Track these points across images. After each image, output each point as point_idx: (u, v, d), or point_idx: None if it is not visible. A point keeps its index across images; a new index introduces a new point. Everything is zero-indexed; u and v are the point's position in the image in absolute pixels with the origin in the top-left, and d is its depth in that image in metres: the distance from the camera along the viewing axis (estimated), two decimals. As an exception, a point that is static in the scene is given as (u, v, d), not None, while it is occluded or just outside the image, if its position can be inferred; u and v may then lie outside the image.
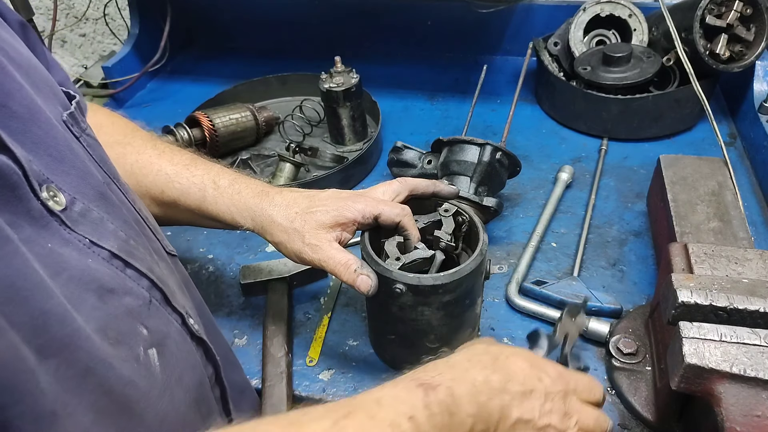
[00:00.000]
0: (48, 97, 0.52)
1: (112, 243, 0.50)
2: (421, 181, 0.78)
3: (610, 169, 1.17)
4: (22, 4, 1.29)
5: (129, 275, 0.51)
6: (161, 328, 0.54)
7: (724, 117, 1.29)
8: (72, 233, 0.46)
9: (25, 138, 0.45)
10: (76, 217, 0.47)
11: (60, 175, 0.48)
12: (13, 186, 0.41)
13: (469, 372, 0.54)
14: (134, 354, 0.49)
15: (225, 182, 0.76)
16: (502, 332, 0.87)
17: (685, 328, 0.61)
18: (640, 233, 1.02)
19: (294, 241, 0.71)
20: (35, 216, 0.43)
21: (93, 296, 0.46)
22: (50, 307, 0.40)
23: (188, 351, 0.58)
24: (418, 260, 0.72)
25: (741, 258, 0.71)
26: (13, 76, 0.47)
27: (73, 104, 0.55)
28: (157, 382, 0.50)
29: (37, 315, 0.39)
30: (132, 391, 0.47)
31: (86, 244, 0.47)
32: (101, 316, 0.46)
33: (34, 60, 0.55)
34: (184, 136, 1.18)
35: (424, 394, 0.50)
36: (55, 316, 0.41)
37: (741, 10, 1.10)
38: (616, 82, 1.18)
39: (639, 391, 0.76)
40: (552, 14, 1.43)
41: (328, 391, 0.81)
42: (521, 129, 1.29)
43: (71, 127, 0.54)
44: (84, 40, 2.00)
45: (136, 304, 0.51)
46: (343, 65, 1.20)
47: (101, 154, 0.58)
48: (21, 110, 0.46)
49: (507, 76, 1.48)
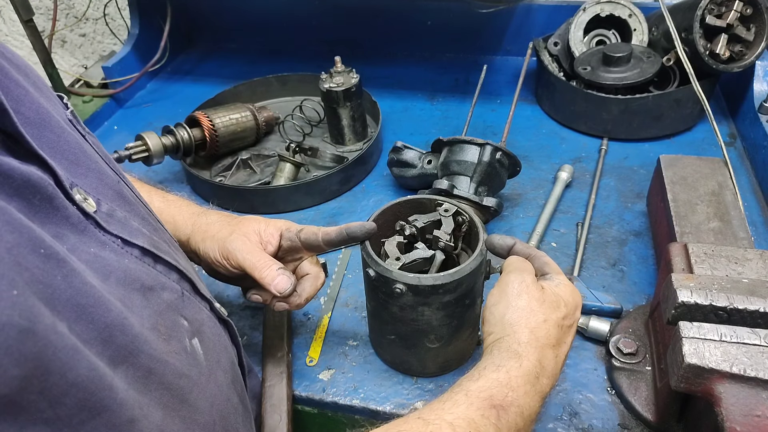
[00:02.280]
0: (49, 98, 0.52)
1: (142, 240, 0.50)
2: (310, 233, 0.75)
3: (610, 169, 1.17)
4: (22, 4, 1.29)
5: (160, 270, 0.52)
6: (196, 316, 0.55)
7: (724, 117, 1.29)
8: (106, 234, 0.47)
9: (42, 143, 0.45)
10: (106, 217, 0.47)
11: (80, 178, 0.48)
12: (50, 197, 0.41)
13: (540, 380, 0.56)
14: (183, 346, 0.50)
15: (158, 203, 0.79)
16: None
17: (685, 328, 0.61)
18: (640, 233, 1.02)
19: (215, 248, 0.74)
20: (74, 222, 0.43)
21: (138, 295, 0.47)
22: (111, 319, 0.41)
23: (219, 335, 0.60)
24: (418, 260, 0.72)
25: (741, 258, 0.71)
26: (17, 80, 0.47)
27: (66, 101, 0.55)
28: (203, 369, 0.52)
29: (103, 328, 0.40)
30: (185, 383, 0.48)
31: (119, 245, 0.48)
32: (150, 314, 0.47)
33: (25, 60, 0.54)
34: (184, 136, 1.18)
35: (497, 417, 0.51)
36: (117, 327, 0.41)
37: (741, 10, 1.10)
38: (616, 82, 1.18)
39: (639, 391, 0.76)
40: (552, 14, 1.43)
41: (328, 391, 0.81)
42: (521, 129, 1.29)
43: (76, 126, 0.54)
44: (84, 40, 2.00)
45: (173, 298, 0.52)
46: (343, 65, 1.20)
47: (104, 151, 0.58)
48: (32, 115, 0.46)
49: (507, 76, 1.48)
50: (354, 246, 0.93)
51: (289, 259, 0.77)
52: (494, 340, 0.60)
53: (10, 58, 0.49)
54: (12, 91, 0.45)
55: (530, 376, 0.55)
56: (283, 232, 0.74)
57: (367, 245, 0.72)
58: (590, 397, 0.78)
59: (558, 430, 0.74)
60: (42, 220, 0.40)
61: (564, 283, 0.64)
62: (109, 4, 1.69)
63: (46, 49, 1.40)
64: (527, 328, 0.59)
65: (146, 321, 0.46)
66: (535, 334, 0.58)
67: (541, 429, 0.75)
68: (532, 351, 0.57)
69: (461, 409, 0.52)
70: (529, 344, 0.58)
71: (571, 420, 0.75)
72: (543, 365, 0.57)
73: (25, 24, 1.32)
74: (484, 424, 0.51)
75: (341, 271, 0.99)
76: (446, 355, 0.79)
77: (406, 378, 0.82)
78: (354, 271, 0.99)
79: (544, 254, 0.68)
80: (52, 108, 0.50)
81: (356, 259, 1.01)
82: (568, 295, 0.62)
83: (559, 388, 0.79)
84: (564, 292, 0.62)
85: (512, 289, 0.61)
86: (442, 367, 0.81)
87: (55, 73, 1.42)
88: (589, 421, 0.75)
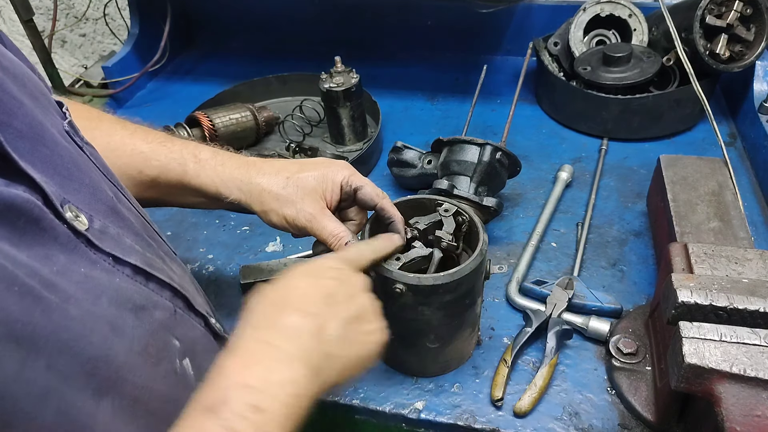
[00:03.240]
0: (45, 108, 0.50)
1: (134, 257, 0.49)
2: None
3: (610, 169, 1.17)
4: (22, 4, 1.29)
5: (152, 288, 0.50)
6: (189, 334, 0.54)
7: (724, 117, 1.29)
8: (97, 253, 0.45)
9: (35, 158, 0.43)
10: (98, 235, 0.46)
11: (72, 194, 0.46)
12: (36, 219, 0.40)
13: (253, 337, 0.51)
14: (173, 368, 0.49)
15: (206, 155, 0.73)
16: (502, 332, 0.87)
17: (685, 328, 0.61)
18: (640, 233, 1.02)
19: (286, 207, 0.69)
20: (63, 242, 0.42)
21: (130, 316, 0.46)
22: (94, 351, 0.40)
23: (213, 351, 0.58)
24: (416, 259, 0.72)
25: (741, 258, 0.71)
26: (11, 91, 0.45)
27: (65, 110, 0.53)
28: (192, 389, 0.49)
29: (86, 362, 0.39)
30: (172, 408, 0.46)
31: (110, 263, 0.46)
32: (142, 334, 0.46)
33: (25, 65, 0.52)
34: (184, 136, 1.18)
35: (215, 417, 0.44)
36: (101, 359, 0.41)
37: (741, 10, 1.10)
38: (616, 82, 1.18)
39: (639, 391, 0.76)
40: (552, 14, 1.43)
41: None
42: (521, 129, 1.29)
43: (74, 137, 0.52)
44: (84, 40, 2.00)
45: (165, 317, 0.50)
46: (343, 65, 1.20)
47: (102, 162, 0.56)
48: (25, 129, 0.44)
49: (507, 76, 1.48)
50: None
51: (343, 205, 0.75)
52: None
53: (7, 67, 0.47)
54: (5, 103, 0.43)
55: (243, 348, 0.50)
56: (343, 185, 0.72)
57: (367, 245, 0.72)
58: (590, 397, 0.78)
59: (558, 430, 0.74)
60: (28, 243, 0.39)
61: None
62: (109, 4, 1.69)
63: (46, 49, 1.40)
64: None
65: (136, 344, 0.45)
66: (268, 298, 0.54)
67: (541, 429, 0.75)
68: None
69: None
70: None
71: (571, 420, 0.75)
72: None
73: (25, 24, 1.32)
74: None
75: (341, 271, 0.99)
76: (446, 355, 0.79)
77: (406, 378, 0.82)
78: (354, 271, 0.99)
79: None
80: (47, 120, 0.48)
81: (356, 259, 1.01)
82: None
83: (559, 388, 0.79)
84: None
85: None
86: (442, 367, 0.81)
87: (55, 73, 1.42)
88: (589, 421, 0.75)
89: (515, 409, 0.76)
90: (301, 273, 0.56)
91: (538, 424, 0.75)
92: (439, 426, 0.77)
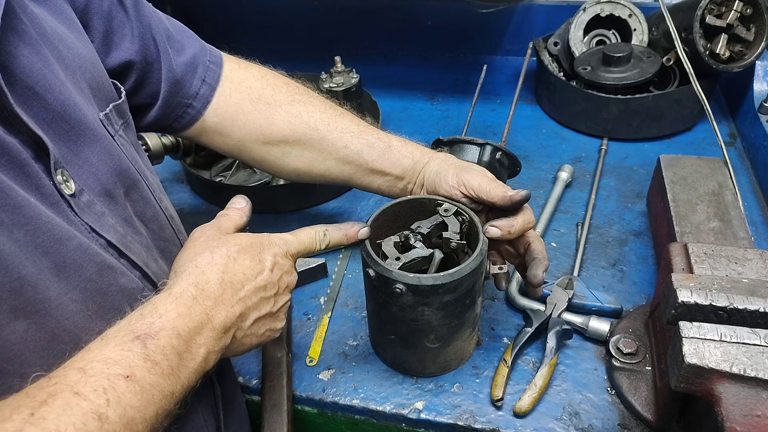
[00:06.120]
0: (88, 97, 0.58)
1: (111, 235, 0.54)
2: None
3: (610, 169, 1.17)
4: (22, 4, 1.29)
5: (123, 263, 0.55)
6: None
7: (724, 117, 1.29)
8: (76, 217, 0.51)
9: (50, 128, 0.51)
10: (82, 206, 0.52)
11: (73, 167, 0.53)
12: (21, 163, 0.46)
13: (197, 302, 0.54)
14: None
15: (396, 143, 0.85)
16: (502, 332, 0.87)
17: (685, 328, 0.61)
18: (640, 233, 1.02)
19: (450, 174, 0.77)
20: (45, 193, 0.48)
21: (94, 267, 0.50)
22: (26, 274, 0.44)
23: None
24: (417, 259, 0.72)
25: (741, 258, 0.71)
26: (57, 72, 0.53)
27: (110, 107, 0.61)
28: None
29: (15, 278, 0.43)
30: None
31: (87, 230, 0.51)
32: (92, 288, 0.50)
33: (91, 58, 0.61)
34: (184, 136, 1.17)
35: (142, 346, 0.47)
36: (29, 282, 0.44)
37: (741, 10, 1.10)
38: (616, 82, 1.18)
39: (639, 391, 0.76)
40: (552, 14, 1.43)
41: (327, 391, 0.81)
42: (521, 129, 1.29)
43: (107, 127, 0.59)
44: (84, 40, 2.00)
45: (131, 287, 0.55)
46: (343, 65, 1.20)
47: (132, 153, 0.62)
48: (55, 104, 0.52)
49: (507, 76, 1.48)
50: (354, 246, 0.93)
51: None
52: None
53: (65, 56, 0.56)
54: (48, 78, 0.51)
55: (183, 298, 0.53)
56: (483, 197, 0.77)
57: (367, 245, 0.72)
58: (590, 397, 0.78)
59: (558, 430, 0.74)
60: (9, 177, 0.45)
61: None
62: (109, 4, 1.68)
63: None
64: (190, 263, 0.57)
65: (77, 292, 0.49)
66: (194, 262, 0.57)
67: (541, 429, 0.75)
68: (185, 276, 0.55)
69: (95, 353, 0.46)
70: (182, 273, 0.56)
71: (571, 420, 0.75)
72: (201, 287, 0.55)
73: (25, 24, 1.32)
74: (125, 356, 0.46)
75: (341, 271, 0.99)
76: (446, 355, 0.79)
77: (406, 378, 0.82)
78: (354, 271, 0.99)
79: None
80: (87, 105, 0.56)
81: (356, 259, 1.01)
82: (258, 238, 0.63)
83: (559, 388, 0.79)
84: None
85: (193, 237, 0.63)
86: (442, 367, 0.81)
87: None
88: (589, 421, 0.75)
89: (515, 409, 0.76)
90: (249, 247, 0.60)
91: (538, 424, 0.75)
92: (439, 426, 0.77)
